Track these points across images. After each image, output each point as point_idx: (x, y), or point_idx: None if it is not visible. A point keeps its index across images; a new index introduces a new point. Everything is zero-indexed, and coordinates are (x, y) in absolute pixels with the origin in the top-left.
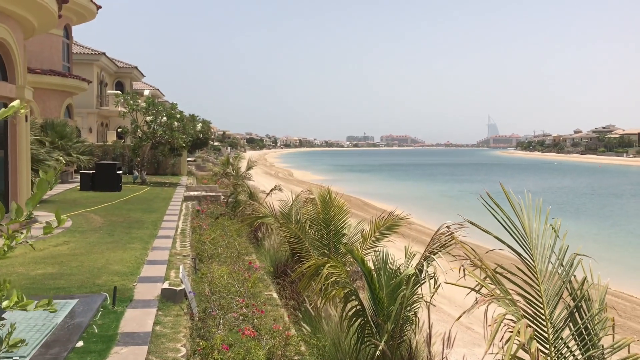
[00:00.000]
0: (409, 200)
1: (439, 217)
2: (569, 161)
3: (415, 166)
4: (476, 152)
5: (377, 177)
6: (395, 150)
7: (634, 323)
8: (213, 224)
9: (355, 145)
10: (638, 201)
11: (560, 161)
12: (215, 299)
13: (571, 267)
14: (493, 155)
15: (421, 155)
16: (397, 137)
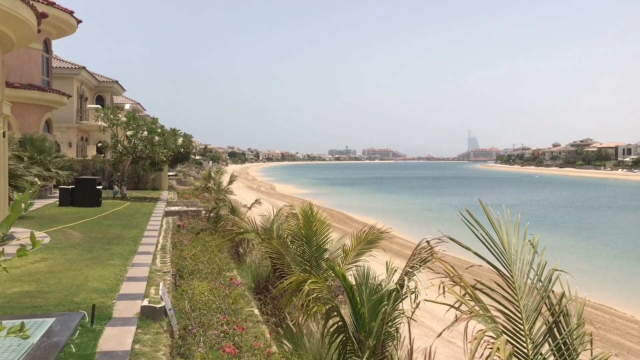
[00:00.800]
0: (390, 214)
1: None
2: (549, 174)
3: (397, 179)
4: (457, 165)
5: (359, 191)
6: (377, 164)
7: (613, 335)
8: (194, 240)
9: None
10: (614, 213)
11: (541, 174)
12: (195, 316)
13: (549, 282)
14: (473, 169)
15: (403, 169)
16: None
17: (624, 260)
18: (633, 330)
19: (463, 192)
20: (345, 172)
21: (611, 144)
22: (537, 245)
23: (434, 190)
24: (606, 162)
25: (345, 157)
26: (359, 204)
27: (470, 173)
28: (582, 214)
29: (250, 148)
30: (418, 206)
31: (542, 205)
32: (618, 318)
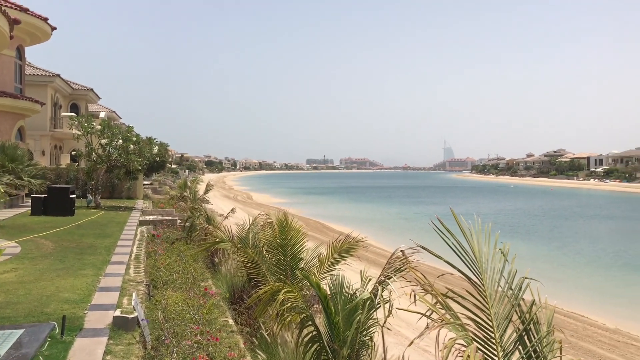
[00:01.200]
0: (366, 222)
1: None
2: (524, 184)
3: (374, 188)
4: (433, 175)
5: (336, 200)
6: (354, 173)
7: (585, 343)
8: (169, 249)
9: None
10: (586, 223)
11: (516, 184)
12: (169, 326)
13: (520, 290)
14: (449, 178)
15: (379, 178)
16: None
17: (594, 269)
18: (604, 337)
19: (438, 201)
20: (322, 181)
21: (584, 154)
22: (507, 254)
23: (409, 200)
24: (579, 172)
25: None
26: (335, 213)
27: (446, 183)
28: (554, 223)
29: (228, 157)
30: (394, 215)
31: (516, 214)
32: (589, 326)
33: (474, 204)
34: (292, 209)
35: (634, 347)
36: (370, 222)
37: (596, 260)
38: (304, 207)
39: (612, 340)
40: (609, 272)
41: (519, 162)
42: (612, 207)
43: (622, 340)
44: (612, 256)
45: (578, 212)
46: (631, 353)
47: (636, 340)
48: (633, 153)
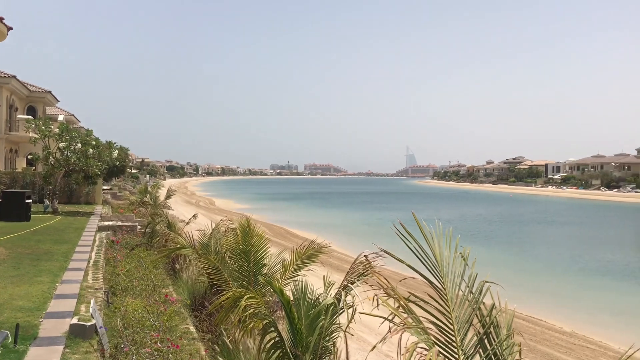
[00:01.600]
0: (330, 228)
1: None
2: (485, 190)
3: (338, 194)
4: (396, 181)
5: (300, 206)
6: (318, 179)
7: (543, 346)
8: (128, 255)
9: (279, 173)
10: (543, 228)
11: (477, 190)
12: (128, 334)
13: (480, 293)
14: (411, 185)
15: (343, 184)
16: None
17: (551, 274)
18: (561, 341)
19: (401, 207)
20: (286, 187)
21: (542, 161)
22: (468, 258)
23: (373, 205)
24: (537, 179)
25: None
26: (299, 219)
27: (408, 189)
28: (513, 229)
29: (190, 162)
30: (357, 221)
31: (476, 220)
32: (547, 329)
33: (435, 209)
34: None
35: (589, 349)
36: (333, 228)
37: (553, 265)
38: (268, 213)
39: (568, 344)
40: (565, 276)
41: (479, 169)
42: (569, 213)
43: (578, 344)
44: (568, 261)
45: (536, 218)
46: (587, 356)
47: (592, 343)
48: (589, 161)
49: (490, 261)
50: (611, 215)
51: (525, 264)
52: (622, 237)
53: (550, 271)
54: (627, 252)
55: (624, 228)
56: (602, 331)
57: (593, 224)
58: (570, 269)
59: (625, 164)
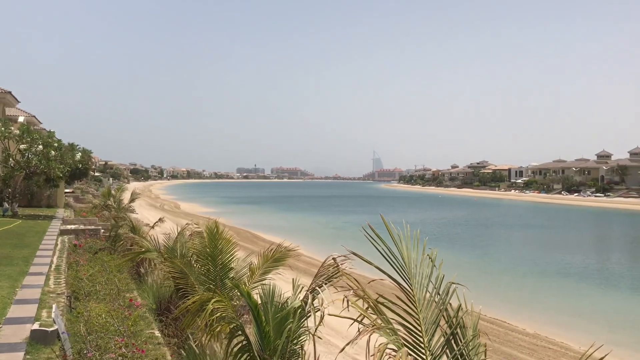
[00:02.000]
0: (298, 232)
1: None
2: (450, 194)
3: (305, 198)
4: (362, 185)
5: (267, 210)
6: (285, 183)
7: (507, 348)
8: (91, 260)
9: (246, 177)
10: (506, 231)
11: (442, 194)
12: (91, 339)
13: (447, 295)
14: (378, 188)
15: (310, 188)
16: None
17: (514, 276)
18: (524, 342)
19: (368, 210)
20: (253, 190)
21: (505, 166)
22: (435, 260)
23: (340, 209)
24: (500, 183)
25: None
26: (266, 222)
27: (375, 192)
28: (477, 232)
29: (154, 165)
30: (324, 224)
31: (441, 223)
32: (511, 331)
33: (401, 213)
34: (222, 219)
35: (551, 350)
36: (301, 231)
37: (515, 268)
38: (234, 216)
39: (531, 345)
40: (526, 279)
41: (444, 173)
42: (531, 217)
43: (540, 344)
44: (530, 263)
45: (499, 221)
46: (549, 356)
47: (553, 344)
48: (550, 165)
49: (455, 264)
50: (571, 218)
51: (489, 266)
52: (582, 240)
53: (513, 273)
54: (586, 254)
55: (584, 231)
56: (563, 332)
57: (554, 227)
58: (532, 272)
59: (586, 168)
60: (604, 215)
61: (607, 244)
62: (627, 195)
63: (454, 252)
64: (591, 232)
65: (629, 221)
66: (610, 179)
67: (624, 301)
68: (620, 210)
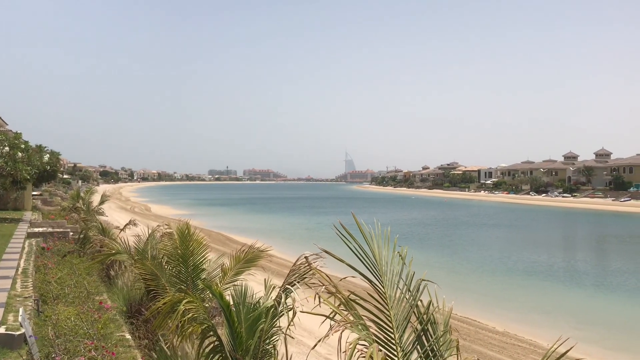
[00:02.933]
0: (269, 233)
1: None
2: (421, 195)
3: (278, 200)
4: (335, 186)
5: (239, 211)
6: (258, 184)
7: (477, 346)
8: (60, 263)
9: (218, 179)
10: (474, 231)
11: (414, 195)
12: (60, 343)
13: (418, 291)
14: (350, 190)
15: (283, 189)
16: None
17: (483, 274)
18: (494, 340)
19: (339, 211)
20: (225, 192)
21: (475, 167)
22: (405, 257)
23: (312, 210)
24: (470, 184)
25: (225, 178)
26: (238, 224)
27: (347, 194)
28: (446, 232)
29: (124, 167)
30: (297, 225)
31: (411, 223)
32: (481, 329)
33: (372, 213)
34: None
35: (520, 347)
36: (273, 233)
37: (483, 267)
38: (206, 218)
39: (501, 342)
40: (495, 277)
41: (415, 175)
42: (499, 216)
43: (509, 342)
44: (498, 262)
45: (468, 221)
46: (518, 353)
47: (522, 342)
48: (519, 166)
49: (425, 263)
50: (539, 218)
51: (458, 265)
52: (548, 240)
53: (482, 272)
54: (553, 253)
55: (551, 231)
56: (531, 329)
57: (521, 227)
58: (500, 270)
59: (553, 169)
60: (571, 215)
61: (573, 243)
62: (592, 196)
63: (424, 251)
64: (558, 231)
65: (594, 221)
66: (577, 180)
67: (589, 298)
68: (586, 210)
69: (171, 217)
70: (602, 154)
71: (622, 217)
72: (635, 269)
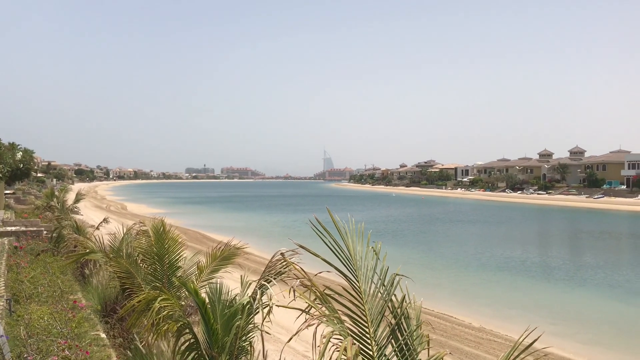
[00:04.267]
0: (246, 231)
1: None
2: (398, 193)
3: (255, 198)
4: (313, 184)
5: (216, 210)
6: (235, 183)
7: (454, 341)
8: (33, 262)
9: (195, 177)
10: (450, 227)
11: (391, 193)
12: (32, 342)
13: (392, 286)
14: (328, 188)
15: (261, 188)
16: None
17: (458, 270)
18: (470, 335)
19: (316, 209)
20: (202, 191)
21: (452, 165)
22: (379, 252)
23: (289, 208)
24: (447, 181)
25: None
26: (215, 222)
27: (325, 192)
28: (422, 228)
29: (100, 165)
30: (273, 223)
31: (386, 220)
32: (458, 325)
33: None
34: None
35: (496, 343)
36: (250, 230)
37: (459, 263)
38: (183, 217)
39: (477, 338)
40: (470, 273)
41: (393, 172)
42: (475, 214)
43: (486, 338)
44: (473, 259)
45: (443, 218)
46: (494, 349)
47: (498, 337)
48: (495, 164)
49: (400, 258)
50: (514, 215)
51: (433, 261)
52: (523, 236)
53: (457, 268)
54: (527, 249)
55: (526, 227)
56: (507, 325)
57: (497, 224)
58: (475, 266)
59: (528, 167)
60: (545, 212)
61: (548, 239)
62: (567, 193)
63: (399, 247)
64: (532, 228)
65: (568, 217)
66: (552, 177)
67: (563, 293)
68: (560, 207)
69: (147, 215)
70: (576, 152)
71: (595, 213)
72: (606, 264)
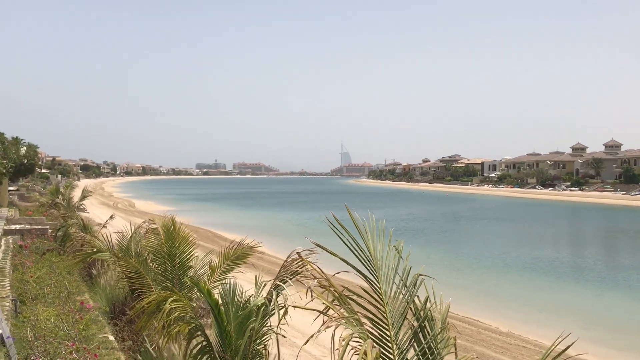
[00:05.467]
0: (260, 230)
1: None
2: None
3: (269, 195)
4: (330, 180)
5: (228, 207)
6: (248, 179)
7: (479, 347)
8: (39, 261)
9: (206, 173)
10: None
11: (413, 190)
12: (39, 344)
13: (414, 287)
14: (346, 184)
15: (275, 184)
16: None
17: (484, 272)
18: (497, 341)
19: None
20: (213, 187)
21: (478, 160)
22: (401, 251)
23: (305, 205)
24: (473, 177)
25: (214, 172)
26: (227, 220)
27: (343, 188)
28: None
29: (107, 161)
30: (288, 221)
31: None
32: (484, 330)
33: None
34: (179, 217)
35: (524, 349)
36: (264, 229)
37: (485, 264)
38: (194, 215)
39: (504, 344)
40: (498, 274)
41: (415, 168)
42: (502, 212)
43: (514, 343)
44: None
45: (469, 216)
46: (522, 355)
47: (527, 342)
48: (524, 159)
49: (423, 258)
50: (544, 213)
51: (458, 262)
52: (555, 235)
53: (483, 269)
54: (558, 249)
55: (555, 226)
56: (536, 329)
57: (525, 222)
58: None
59: (560, 162)
60: (578, 209)
61: (578, 238)
62: (602, 189)
63: (418, 245)
64: (563, 226)
65: (602, 215)
66: (586, 173)
67: (597, 297)
68: (594, 204)
69: (156, 213)
70: (612, 145)
71: (632, 211)
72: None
